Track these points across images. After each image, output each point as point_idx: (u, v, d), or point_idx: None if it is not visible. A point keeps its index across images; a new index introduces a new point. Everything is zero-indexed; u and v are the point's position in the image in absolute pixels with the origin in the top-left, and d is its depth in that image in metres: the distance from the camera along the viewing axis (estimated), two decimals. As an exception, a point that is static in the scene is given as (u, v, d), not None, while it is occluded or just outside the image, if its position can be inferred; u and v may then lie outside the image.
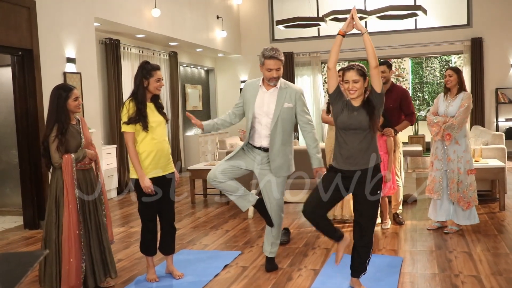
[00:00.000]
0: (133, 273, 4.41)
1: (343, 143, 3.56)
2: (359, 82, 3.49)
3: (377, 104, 3.52)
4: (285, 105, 4.10)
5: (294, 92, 4.15)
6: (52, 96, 3.84)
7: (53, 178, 3.85)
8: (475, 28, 11.51)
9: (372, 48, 3.47)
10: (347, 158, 3.54)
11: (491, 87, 11.57)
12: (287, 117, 4.13)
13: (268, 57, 4.04)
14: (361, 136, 3.52)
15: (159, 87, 4.00)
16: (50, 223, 3.80)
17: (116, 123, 8.60)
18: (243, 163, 4.22)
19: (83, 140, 3.93)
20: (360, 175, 3.54)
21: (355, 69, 3.50)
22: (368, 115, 3.49)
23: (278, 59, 4.03)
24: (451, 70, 5.20)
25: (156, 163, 3.98)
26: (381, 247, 4.90)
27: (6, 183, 7.19)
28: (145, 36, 9.33)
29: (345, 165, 3.56)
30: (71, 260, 3.74)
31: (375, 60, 3.48)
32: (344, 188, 3.60)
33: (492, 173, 6.27)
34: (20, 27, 5.91)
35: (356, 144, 3.52)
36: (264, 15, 12.79)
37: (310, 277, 4.14)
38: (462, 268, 4.22)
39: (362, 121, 3.49)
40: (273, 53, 4.03)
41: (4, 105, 7.02)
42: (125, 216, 6.78)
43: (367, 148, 3.53)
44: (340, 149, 3.58)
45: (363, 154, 3.52)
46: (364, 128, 3.50)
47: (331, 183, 3.59)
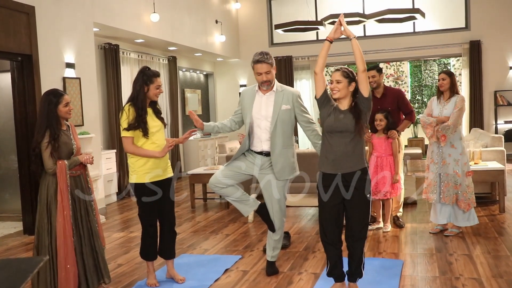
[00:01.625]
0: (133, 278, 4.39)
1: (329, 146, 3.61)
2: (342, 83, 3.55)
3: (364, 108, 3.58)
4: (283, 107, 4.11)
5: (291, 94, 4.16)
6: (42, 102, 3.79)
7: (43, 185, 3.80)
8: (474, 31, 11.53)
9: (360, 53, 3.53)
10: (333, 161, 3.59)
11: (490, 90, 11.57)
12: (286, 119, 4.13)
13: (255, 61, 4.07)
14: (347, 139, 3.56)
15: (158, 94, 4.01)
16: (42, 229, 3.76)
17: (115, 128, 8.60)
18: (243, 165, 4.21)
19: (75, 146, 3.90)
20: (346, 179, 3.56)
21: (340, 71, 3.59)
22: (355, 118, 3.55)
23: (265, 62, 4.04)
24: (444, 74, 5.24)
25: (156, 167, 3.98)
26: (381, 250, 4.89)
27: (6, 189, 7.18)
28: (144, 41, 9.34)
29: (331, 169, 3.59)
30: (68, 267, 3.71)
31: (363, 64, 3.53)
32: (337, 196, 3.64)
33: (491, 176, 6.26)
34: (19, 33, 5.91)
35: (341, 147, 3.56)
36: (263, 19, 12.81)
37: (311, 281, 4.13)
38: (462, 270, 4.21)
39: (348, 124, 3.54)
40: (260, 57, 4.06)
41: (4, 111, 7.02)
42: (125, 221, 6.76)
43: (352, 152, 3.57)
44: (326, 152, 3.63)
45: (349, 158, 3.56)
46: (350, 131, 3.55)
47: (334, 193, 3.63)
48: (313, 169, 6.77)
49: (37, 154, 3.75)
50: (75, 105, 6.77)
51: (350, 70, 3.61)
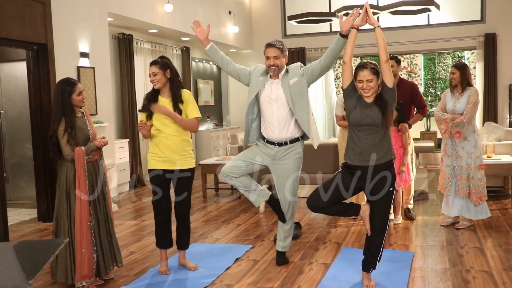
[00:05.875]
0: (145, 266, 4.45)
1: (357, 139, 3.57)
2: (373, 81, 3.48)
3: (389, 99, 3.52)
4: (291, 82, 4.08)
5: (293, 69, 4.14)
6: (56, 91, 3.86)
7: (62, 171, 3.87)
8: (489, 24, 11.40)
9: (384, 42, 3.49)
10: (359, 154, 3.55)
11: (504, 83, 11.45)
12: (298, 90, 4.08)
13: (266, 45, 4.11)
14: (374, 132, 3.53)
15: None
16: (61, 214, 3.84)
17: (128, 117, 8.66)
18: (255, 155, 4.22)
19: (91, 133, 3.97)
20: (373, 172, 3.54)
21: (368, 68, 3.48)
22: (381, 111, 3.50)
23: (275, 46, 4.05)
24: (454, 68, 5.19)
25: (164, 156, 4.09)
26: (392, 242, 4.90)
27: (21, 176, 7.27)
28: (158, 31, 9.37)
29: (358, 160, 3.57)
30: (83, 251, 3.80)
31: (386, 54, 3.49)
32: (357, 187, 3.64)
33: (504, 169, 6.23)
34: (35, 22, 5.96)
35: (369, 140, 3.53)
36: (276, 11, 12.77)
37: (321, 271, 4.15)
38: (473, 263, 4.21)
39: (375, 117, 3.49)
40: (271, 41, 4.10)
41: (19, 100, 7.09)
42: (138, 210, 6.83)
43: (379, 144, 3.53)
44: (353, 144, 3.60)
45: (376, 150, 3.52)
46: (377, 125, 3.51)
47: (349, 184, 3.61)
48: (327, 161, 6.79)
49: (54, 142, 3.82)
50: (89, 94, 6.83)
51: (375, 64, 3.54)
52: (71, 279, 3.81)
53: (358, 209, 3.68)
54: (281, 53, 4.07)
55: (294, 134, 4.18)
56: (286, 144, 4.17)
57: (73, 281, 3.81)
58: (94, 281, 3.90)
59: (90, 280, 3.85)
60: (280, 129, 4.13)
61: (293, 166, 4.19)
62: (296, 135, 4.19)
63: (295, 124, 4.15)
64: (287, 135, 4.16)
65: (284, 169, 4.19)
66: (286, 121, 4.13)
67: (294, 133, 4.18)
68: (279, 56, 4.07)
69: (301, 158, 4.26)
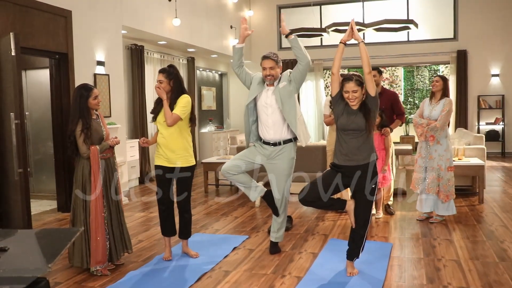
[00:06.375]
0: (152, 252, 4.45)
1: (343, 141, 3.60)
2: (358, 92, 3.50)
3: (372, 106, 3.54)
4: (280, 86, 4.11)
5: (284, 75, 4.16)
6: (75, 95, 3.88)
7: (78, 167, 3.89)
8: (461, 42, 11.47)
9: (367, 56, 3.51)
10: (345, 155, 3.58)
11: (474, 94, 11.52)
12: (286, 94, 4.09)
13: (263, 57, 4.15)
14: (359, 136, 3.55)
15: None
16: (78, 206, 3.85)
17: (139, 119, 8.66)
18: (252, 155, 4.23)
19: (105, 133, 3.98)
20: (359, 171, 3.55)
21: (353, 80, 3.50)
22: (365, 117, 3.52)
23: (271, 58, 4.09)
24: (439, 77, 5.25)
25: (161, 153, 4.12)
26: (373, 234, 4.92)
27: (43, 171, 7.26)
28: (167, 42, 9.36)
29: (344, 161, 3.59)
30: (98, 239, 3.81)
31: (369, 66, 3.52)
32: (342, 184, 3.64)
33: (473, 170, 6.25)
34: (57, 34, 5.95)
35: (354, 142, 3.55)
36: (273, 26, 12.78)
37: (310, 260, 4.16)
38: (444, 253, 4.23)
39: (359, 123, 3.52)
40: (267, 54, 4.14)
41: (43, 103, 7.08)
42: (146, 203, 6.82)
43: (363, 146, 3.56)
44: (340, 146, 3.62)
45: (360, 151, 3.55)
46: (361, 129, 3.53)
47: (331, 182, 3.62)
48: (315, 161, 6.80)
49: (72, 141, 3.83)
50: (104, 98, 6.82)
51: (359, 75, 3.55)
52: (87, 263, 3.83)
53: (344, 204, 3.69)
54: (276, 64, 4.09)
55: (286, 135, 4.19)
56: (280, 144, 4.18)
57: (88, 265, 3.83)
58: (107, 266, 3.90)
59: (104, 265, 3.86)
60: (275, 130, 4.16)
61: (286, 166, 4.20)
62: (288, 136, 4.20)
63: (288, 127, 4.17)
64: (281, 136, 4.17)
65: (278, 168, 4.19)
66: (280, 123, 4.15)
67: (287, 134, 4.19)
68: (274, 67, 4.09)
69: (294, 159, 4.26)
